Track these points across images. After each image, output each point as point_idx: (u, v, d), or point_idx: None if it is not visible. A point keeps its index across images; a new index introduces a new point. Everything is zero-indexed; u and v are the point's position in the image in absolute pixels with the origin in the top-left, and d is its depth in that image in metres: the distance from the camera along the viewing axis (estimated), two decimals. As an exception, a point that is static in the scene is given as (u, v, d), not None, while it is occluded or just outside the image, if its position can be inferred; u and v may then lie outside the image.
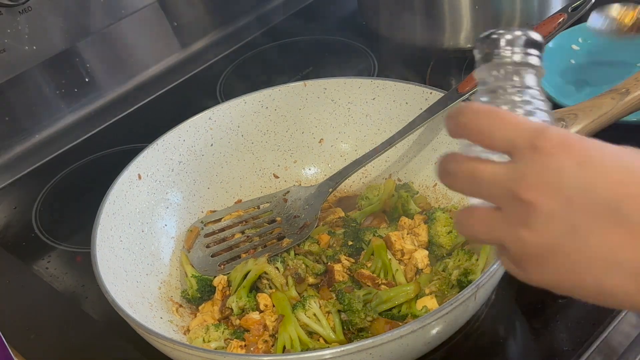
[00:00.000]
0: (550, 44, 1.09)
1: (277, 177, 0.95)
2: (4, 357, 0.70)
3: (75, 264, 0.93)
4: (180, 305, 0.81)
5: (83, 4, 1.09)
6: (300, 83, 0.93)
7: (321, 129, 0.95)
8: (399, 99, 0.89)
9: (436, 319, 0.63)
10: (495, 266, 0.65)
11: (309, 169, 0.95)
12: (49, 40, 1.07)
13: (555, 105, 0.99)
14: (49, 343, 0.83)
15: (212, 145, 0.92)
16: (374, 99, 0.91)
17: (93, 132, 1.18)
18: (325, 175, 0.94)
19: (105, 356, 0.80)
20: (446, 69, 1.17)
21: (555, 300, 0.77)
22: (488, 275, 0.65)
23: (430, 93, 0.86)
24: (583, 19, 1.17)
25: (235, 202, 0.93)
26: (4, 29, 1.01)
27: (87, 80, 1.19)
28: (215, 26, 1.33)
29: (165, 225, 0.87)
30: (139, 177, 0.86)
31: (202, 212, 0.91)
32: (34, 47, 1.06)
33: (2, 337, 0.69)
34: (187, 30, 1.30)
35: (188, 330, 0.78)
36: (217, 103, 0.94)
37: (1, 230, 1.02)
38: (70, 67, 1.17)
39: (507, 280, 0.80)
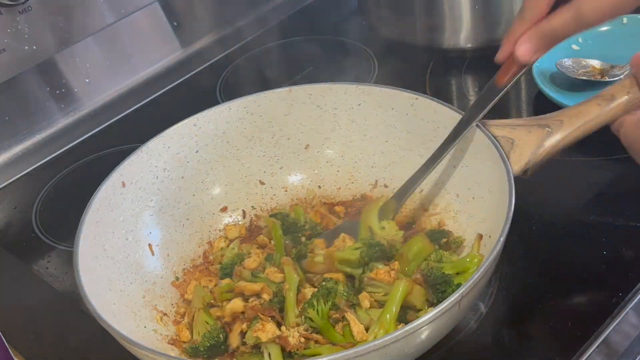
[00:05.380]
0: (550, 44, 1.09)
1: (263, 183, 0.94)
2: (4, 357, 0.70)
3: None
4: (165, 314, 0.81)
5: (83, 3, 1.09)
6: (286, 89, 0.92)
7: (307, 135, 0.94)
8: (384, 105, 0.89)
9: (416, 330, 0.62)
10: (478, 274, 0.64)
11: (295, 175, 0.95)
12: (49, 40, 1.07)
13: (555, 106, 0.99)
14: (49, 343, 0.84)
15: (197, 151, 0.91)
16: (359, 104, 0.90)
17: (93, 132, 1.18)
18: (311, 181, 0.94)
19: (105, 356, 0.80)
20: (446, 69, 1.17)
21: (555, 300, 0.77)
22: (472, 283, 0.64)
23: (416, 99, 0.86)
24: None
25: (221, 210, 0.92)
26: (4, 29, 1.01)
27: (87, 80, 1.19)
28: (215, 26, 1.33)
29: (150, 232, 0.86)
30: (123, 184, 0.85)
31: (187, 219, 0.90)
32: (34, 47, 1.06)
33: (2, 337, 0.69)
34: (187, 30, 1.30)
35: (172, 339, 0.78)
36: (217, 103, 0.93)
37: (1, 230, 1.02)
38: (70, 67, 1.17)
39: (508, 280, 0.80)
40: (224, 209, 0.93)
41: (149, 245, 0.86)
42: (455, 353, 0.74)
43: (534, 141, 0.77)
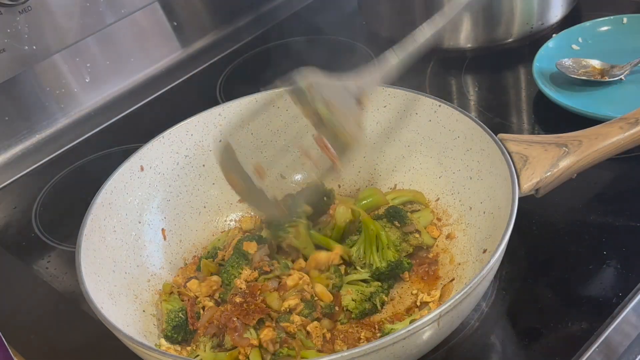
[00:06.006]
0: (550, 44, 1.09)
1: (284, 177, 0.94)
2: (4, 357, 0.70)
3: (75, 263, 0.93)
4: (165, 300, 0.81)
5: (83, 4, 1.09)
6: None
7: None
8: (409, 109, 0.89)
9: (387, 345, 0.62)
10: (461, 295, 0.64)
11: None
12: (49, 40, 1.07)
13: (555, 106, 0.99)
14: (49, 343, 0.83)
15: (220, 141, 0.92)
16: (385, 106, 0.91)
17: (93, 132, 1.18)
18: (331, 179, 0.94)
19: (105, 356, 0.80)
20: (446, 69, 1.17)
21: (555, 300, 0.77)
22: (452, 304, 0.64)
23: (439, 105, 0.86)
24: (582, 19, 1.17)
25: (239, 200, 0.93)
26: (4, 29, 1.01)
27: (87, 80, 1.19)
28: (215, 26, 1.33)
29: (165, 217, 0.88)
30: (141, 168, 0.86)
31: (205, 207, 0.91)
32: (34, 47, 1.06)
33: (2, 337, 0.69)
34: (187, 30, 1.30)
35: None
36: (217, 103, 0.94)
37: (1, 230, 1.02)
38: (70, 67, 1.17)
39: (508, 280, 0.80)
40: (242, 200, 0.93)
41: (162, 230, 0.87)
42: (456, 353, 0.74)
43: (548, 160, 0.76)
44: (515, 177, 0.74)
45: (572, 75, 1.03)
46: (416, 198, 0.88)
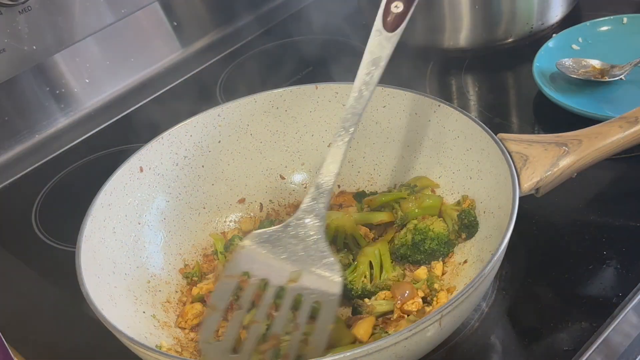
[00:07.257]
0: (550, 44, 1.09)
1: (283, 178, 0.95)
2: (4, 357, 0.70)
3: (74, 264, 0.93)
4: (167, 301, 0.81)
5: (83, 3, 1.09)
6: (312, 85, 0.92)
7: (331, 133, 0.93)
8: (408, 109, 0.89)
9: (389, 345, 0.62)
10: (462, 295, 0.64)
11: (316, 172, 0.95)
12: (49, 40, 1.07)
13: (555, 106, 0.99)
14: (49, 343, 0.84)
15: (219, 142, 0.92)
16: (384, 106, 0.91)
17: (93, 132, 1.18)
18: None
19: (105, 356, 0.80)
20: (446, 69, 1.17)
21: (556, 300, 0.77)
22: (453, 303, 0.64)
23: (439, 105, 0.86)
24: (582, 19, 1.17)
25: (239, 201, 0.93)
26: (4, 29, 1.01)
27: (87, 80, 1.19)
28: (215, 26, 1.33)
29: (165, 218, 0.88)
30: (141, 169, 0.86)
31: (204, 207, 0.91)
32: (34, 47, 1.06)
33: (2, 337, 0.69)
34: (187, 30, 1.30)
35: (169, 326, 0.79)
36: (218, 103, 0.93)
37: (1, 230, 1.02)
38: (70, 67, 1.17)
39: (508, 280, 0.80)
40: (242, 201, 0.93)
41: (162, 231, 0.87)
42: (456, 352, 0.74)
43: (548, 159, 0.76)
44: (516, 176, 0.74)
45: (572, 75, 1.03)
46: (423, 184, 0.88)
